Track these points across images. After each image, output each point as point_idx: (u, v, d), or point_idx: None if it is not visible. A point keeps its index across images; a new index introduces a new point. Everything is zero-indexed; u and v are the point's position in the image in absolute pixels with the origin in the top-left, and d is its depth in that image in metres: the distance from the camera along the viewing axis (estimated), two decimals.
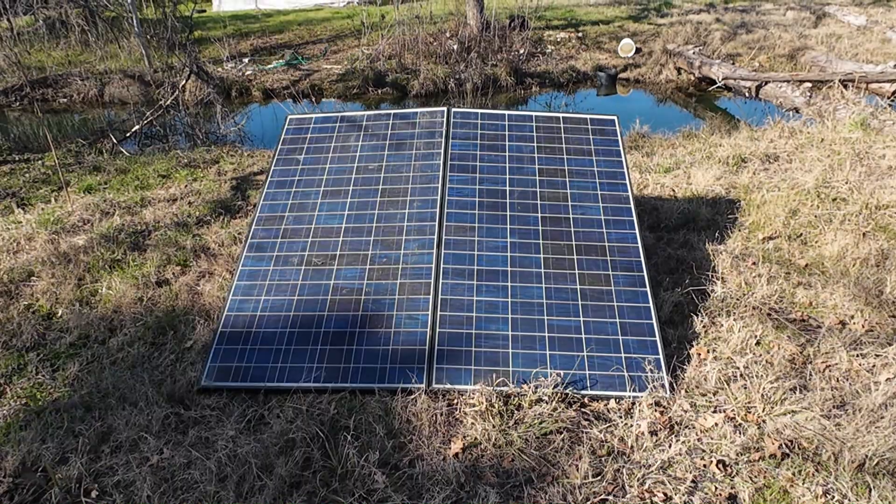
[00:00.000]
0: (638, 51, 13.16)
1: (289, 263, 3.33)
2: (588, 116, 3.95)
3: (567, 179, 3.59)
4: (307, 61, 14.12)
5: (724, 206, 4.72)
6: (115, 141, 8.29)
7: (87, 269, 4.01)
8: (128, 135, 8.72)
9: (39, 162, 6.99)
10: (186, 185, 5.70)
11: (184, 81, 8.67)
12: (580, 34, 14.71)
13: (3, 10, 15.07)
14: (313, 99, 11.73)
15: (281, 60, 14.18)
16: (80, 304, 3.62)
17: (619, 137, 3.81)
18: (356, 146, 3.85)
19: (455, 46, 13.14)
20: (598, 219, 3.41)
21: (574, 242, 3.30)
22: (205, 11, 21.86)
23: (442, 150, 3.74)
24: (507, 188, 3.55)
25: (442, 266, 3.21)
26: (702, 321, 3.24)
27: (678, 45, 12.45)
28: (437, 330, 2.98)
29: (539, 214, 3.42)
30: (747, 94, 9.20)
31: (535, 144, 3.77)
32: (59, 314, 3.54)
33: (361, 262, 3.29)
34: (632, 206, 3.47)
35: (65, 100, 13.12)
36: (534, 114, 3.95)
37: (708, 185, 5.08)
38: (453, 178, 3.60)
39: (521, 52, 13.16)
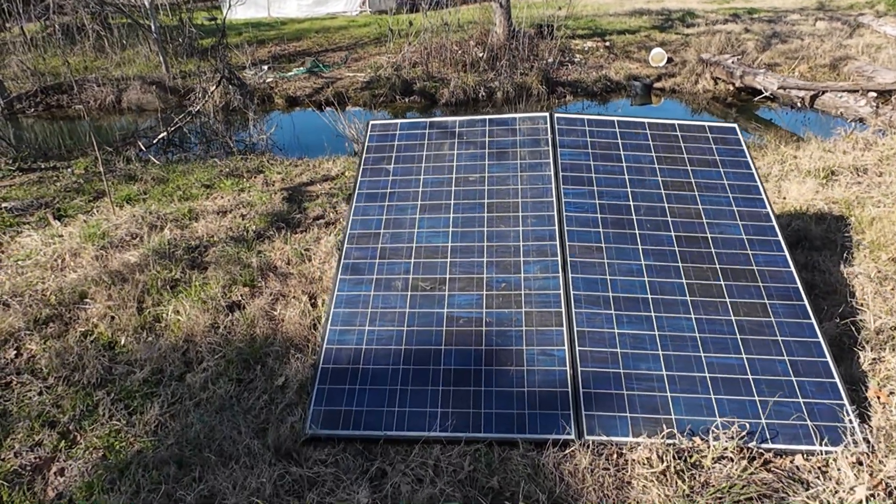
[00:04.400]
0: (669, 60, 12.84)
1: (392, 288, 2.91)
2: (706, 124, 3.55)
3: (697, 193, 3.18)
4: (328, 69, 13.77)
5: (832, 222, 4.32)
6: (142, 148, 7.89)
7: (144, 289, 3.58)
8: (154, 141, 8.33)
9: (68, 170, 6.57)
10: (234, 196, 5.28)
11: (214, 87, 8.28)
12: (607, 43, 14.41)
13: (17, 15, 14.73)
14: (337, 107, 11.37)
15: (302, 68, 13.83)
16: (145, 331, 3.19)
17: (745, 147, 3.41)
18: (451, 155, 3.45)
19: (481, 54, 12.81)
20: (740, 238, 3.00)
21: (718, 266, 2.88)
22: (216, 19, 21.58)
23: (551, 160, 3.34)
24: (631, 203, 3.14)
25: (572, 292, 2.79)
26: (865, 356, 2.82)
27: (713, 54, 12.13)
28: (579, 368, 2.55)
29: (672, 233, 3.01)
30: (799, 105, 8.84)
31: (653, 154, 3.37)
32: (122, 343, 3.11)
33: (476, 287, 2.87)
34: (774, 223, 3.06)
35: (80, 106, 12.73)
36: (646, 120, 3.55)
37: (806, 200, 4.68)
38: (568, 192, 3.19)
39: (550, 60, 12.81)
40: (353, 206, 3.27)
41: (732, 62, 11.17)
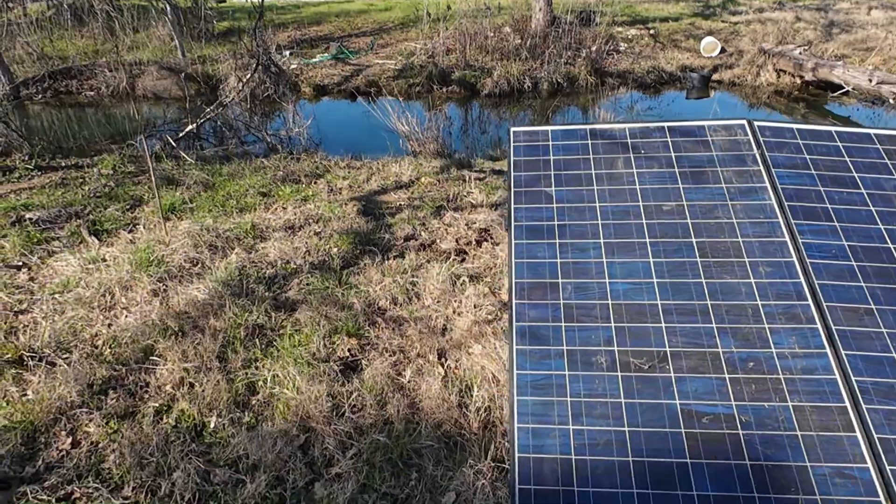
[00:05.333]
0: (722, 50, 12.00)
1: (592, 365, 2.12)
2: None
3: None
4: (355, 55, 12.88)
5: None
6: (172, 143, 7.06)
7: (225, 341, 2.79)
8: (181, 135, 7.49)
9: (94, 169, 5.74)
10: (298, 208, 4.48)
11: (250, 74, 7.42)
12: (652, 31, 13.56)
13: None
14: (382, 99, 10.54)
15: (326, 54, 12.95)
16: (239, 408, 2.41)
17: None
18: (630, 174, 2.65)
19: (519, 41, 11.95)
20: None
21: None
22: (225, 1, 20.59)
23: (767, 184, 2.54)
24: (891, 245, 2.36)
25: (853, 378, 2.01)
26: None
27: (774, 44, 11.28)
28: None
29: None
30: (893, 102, 8.03)
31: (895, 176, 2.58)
32: (212, 428, 2.33)
33: (713, 368, 2.08)
34: None
35: (91, 92, 11.83)
36: (872, 131, 2.76)
37: None
38: (803, 229, 2.40)
39: (594, 49, 11.95)
40: (513, 244, 2.47)
41: (800, 53, 10.33)
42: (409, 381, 2.55)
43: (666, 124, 2.82)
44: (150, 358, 2.71)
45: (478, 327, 2.81)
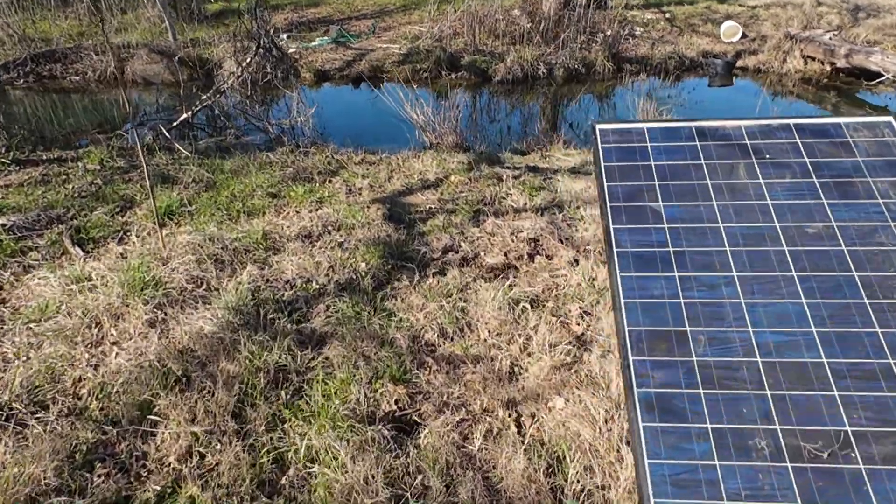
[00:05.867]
0: (743, 35, 11.43)
1: (750, 452, 1.58)
2: None
3: None
4: (356, 39, 12.21)
5: None
6: (166, 134, 6.44)
7: (241, 392, 2.23)
8: (174, 124, 6.86)
9: (79, 164, 5.12)
10: (314, 212, 3.90)
11: (250, 58, 6.77)
12: (668, 15, 12.95)
13: None
14: (383, 81, 9.91)
15: (326, 37, 12.26)
16: (264, 492, 1.85)
17: None
18: (757, 186, 2.09)
19: (530, 24, 11.33)
20: None
21: None
22: None
23: None
24: None
25: None
26: None
27: (800, 29, 10.72)
28: None
29: None
30: None
31: None
32: None
33: None
34: None
35: (77, 77, 11.11)
36: None
37: None
38: None
39: (610, 33, 11.34)
40: (619, 278, 1.91)
41: (830, 38, 9.77)
42: (479, 450, 2.00)
43: (791, 122, 2.26)
44: (148, 416, 2.14)
45: (558, 374, 2.26)
